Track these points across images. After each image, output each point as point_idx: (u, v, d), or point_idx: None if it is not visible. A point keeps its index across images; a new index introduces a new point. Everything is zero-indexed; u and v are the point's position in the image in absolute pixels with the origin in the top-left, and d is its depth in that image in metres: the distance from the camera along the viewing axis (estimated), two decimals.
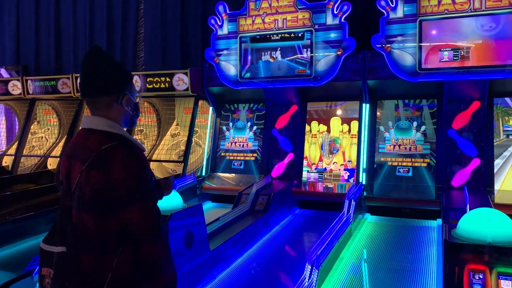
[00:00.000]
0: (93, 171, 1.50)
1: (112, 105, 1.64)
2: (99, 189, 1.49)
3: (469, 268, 2.43)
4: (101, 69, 1.63)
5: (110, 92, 1.63)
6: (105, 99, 1.63)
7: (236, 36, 6.38)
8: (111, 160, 1.50)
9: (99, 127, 1.60)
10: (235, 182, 6.45)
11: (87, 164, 1.51)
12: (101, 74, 1.63)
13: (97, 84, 1.62)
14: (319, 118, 6.36)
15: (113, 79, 1.64)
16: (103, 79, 1.62)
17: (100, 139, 1.56)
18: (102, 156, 1.51)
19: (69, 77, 7.62)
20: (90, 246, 1.53)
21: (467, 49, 5.21)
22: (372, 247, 4.49)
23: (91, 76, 1.63)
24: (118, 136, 1.58)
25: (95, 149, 1.53)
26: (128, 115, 1.71)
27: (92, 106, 1.66)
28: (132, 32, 8.48)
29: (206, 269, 3.52)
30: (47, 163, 8.06)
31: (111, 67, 1.65)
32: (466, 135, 5.47)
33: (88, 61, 1.64)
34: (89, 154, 1.53)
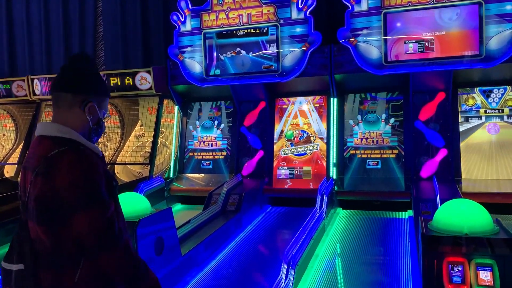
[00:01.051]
0: (38, 178, 1.40)
1: (74, 107, 1.55)
2: (44, 197, 1.39)
3: (448, 260, 2.40)
4: (76, 68, 1.58)
5: (76, 91, 1.55)
6: (68, 97, 1.55)
7: (200, 33, 6.22)
8: (56, 166, 1.39)
9: (51, 133, 1.50)
10: (204, 183, 6.30)
11: (35, 173, 1.42)
12: (75, 72, 1.58)
13: (66, 79, 1.57)
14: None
15: (83, 79, 1.57)
16: (73, 76, 1.57)
17: (50, 145, 1.45)
18: (48, 162, 1.40)
19: (25, 80, 7.23)
20: (48, 262, 1.43)
21: (431, 41, 5.26)
22: (345, 241, 4.46)
23: (65, 71, 1.59)
24: (68, 141, 1.47)
25: (43, 155, 1.43)
26: (87, 126, 1.58)
27: (55, 104, 1.58)
28: (90, 30, 8.16)
29: (178, 275, 3.38)
30: (4, 171, 7.64)
31: (87, 70, 1.60)
32: (433, 126, 5.53)
33: (70, 60, 1.61)
34: (37, 162, 1.43)
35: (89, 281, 1.41)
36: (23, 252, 1.45)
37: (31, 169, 1.46)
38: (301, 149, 6.10)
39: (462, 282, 2.37)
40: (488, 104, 5.48)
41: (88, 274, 1.41)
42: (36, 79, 7.14)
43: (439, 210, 2.71)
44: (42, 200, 1.40)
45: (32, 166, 1.45)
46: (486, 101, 5.50)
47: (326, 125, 6.02)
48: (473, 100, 5.55)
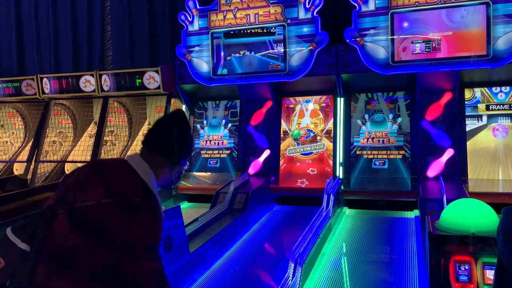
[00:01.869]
0: (116, 213, 1.50)
1: (164, 166, 1.72)
2: (114, 232, 1.49)
3: (454, 259, 2.42)
4: (177, 136, 1.72)
5: (171, 157, 1.73)
6: (161, 159, 1.70)
7: (207, 32, 6.26)
8: (137, 215, 1.51)
9: (141, 173, 1.62)
10: (211, 181, 6.34)
11: (112, 201, 1.51)
12: (173, 139, 1.72)
13: (164, 145, 1.71)
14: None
15: (181, 150, 1.75)
16: (172, 145, 1.72)
17: (137, 189, 1.58)
18: (131, 206, 1.52)
19: (34, 78, 7.31)
20: (56, 261, 1.45)
21: (438, 41, 5.27)
22: (352, 240, 4.48)
23: (165, 135, 1.71)
24: (153, 197, 1.60)
25: (128, 194, 1.54)
26: (169, 179, 1.78)
27: (147, 155, 1.70)
28: (98, 30, 8.21)
29: (186, 272, 3.42)
30: (13, 168, 7.72)
31: (186, 139, 1.78)
32: (440, 126, 5.54)
33: (169, 122, 1.75)
34: (119, 194, 1.54)
35: None
36: (35, 238, 1.47)
37: (107, 191, 1.53)
38: (307, 149, 6.13)
39: (469, 281, 2.39)
40: (495, 103, 5.47)
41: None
42: (45, 78, 7.21)
43: (446, 209, 2.73)
44: (112, 232, 1.48)
45: (111, 191, 1.53)
46: (494, 100, 5.49)
47: (333, 125, 6.04)
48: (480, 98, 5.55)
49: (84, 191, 1.54)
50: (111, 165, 1.67)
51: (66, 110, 7.80)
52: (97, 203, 1.50)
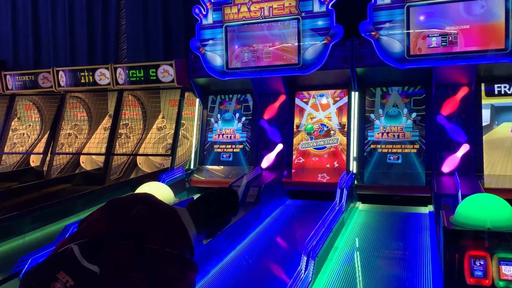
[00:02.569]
0: (173, 265, 1.67)
1: (202, 232, 1.93)
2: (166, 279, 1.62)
3: (469, 254, 2.40)
4: (223, 219, 1.98)
5: (211, 231, 1.97)
6: (204, 229, 1.92)
7: (221, 26, 6.25)
8: (186, 270, 1.70)
9: (191, 234, 1.80)
10: (224, 175, 6.36)
11: (172, 253, 1.68)
12: (221, 221, 1.97)
13: (212, 223, 1.94)
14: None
15: (221, 228, 2.00)
16: (219, 223, 1.97)
17: (187, 247, 1.77)
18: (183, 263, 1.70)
19: (50, 71, 7.39)
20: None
21: (455, 35, 5.19)
22: (365, 235, 4.47)
23: (215, 215, 1.94)
24: (193, 255, 1.82)
25: (183, 251, 1.73)
26: (201, 240, 2.04)
27: (194, 216, 1.87)
28: (113, 23, 8.27)
29: (200, 264, 3.42)
30: (29, 160, 7.85)
31: (228, 219, 2.01)
32: (455, 121, 5.46)
33: (222, 202, 1.98)
34: (177, 247, 1.71)
35: None
36: (105, 261, 1.54)
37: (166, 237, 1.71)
38: (320, 143, 6.10)
39: (484, 276, 2.37)
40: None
41: None
42: (61, 71, 7.29)
43: (461, 204, 2.70)
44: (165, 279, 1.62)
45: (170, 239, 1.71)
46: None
47: (347, 119, 6.00)
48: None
49: (149, 233, 1.69)
50: (170, 215, 1.82)
51: (82, 103, 7.89)
52: (160, 249, 1.66)
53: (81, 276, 1.47)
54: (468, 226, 2.50)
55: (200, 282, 3.34)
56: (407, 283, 3.24)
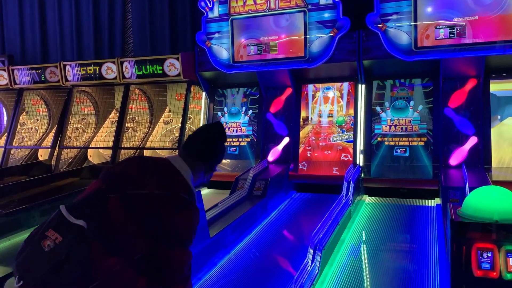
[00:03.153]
0: (168, 206, 1.65)
1: (200, 170, 1.90)
2: (163, 221, 1.62)
3: (477, 247, 2.39)
4: (215, 145, 1.92)
5: (206, 164, 1.91)
6: (199, 164, 1.89)
7: (227, 19, 6.24)
8: (185, 209, 1.69)
9: (184, 175, 1.79)
10: (230, 168, 6.38)
11: (164, 194, 1.67)
12: (213, 149, 1.92)
13: (204, 154, 1.90)
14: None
15: (216, 158, 1.94)
16: (211, 154, 1.92)
17: (183, 187, 1.75)
18: (180, 201, 1.69)
19: (57, 66, 7.43)
20: (108, 241, 1.53)
21: (463, 26, 5.13)
22: (372, 228, 4.46)
23: (206, 143, 1.91)
24: (193, 193, 1.79)
25: (177, 191, 1.71)
26: (202, 180, 1.96)
27: (186, 158, 1.86)
28: (119, 17, 8.27)
29: (207, 256, 3.46)
30: (38, 154, 7.91)
31: (222, 149, 1.96)
32: (463, 113, 5.43)
33: (210, 132, 1.93)
34: (170, 190, 1.70)
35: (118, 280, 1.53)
36: (93, 216, 1.55)
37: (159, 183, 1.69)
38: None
39: (491, 269, 2.36)
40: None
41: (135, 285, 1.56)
42: (68, 65, 7.32)
43: (469, 196, 2.68)
44: (160, 223, 1.61)
45: (162, 184, 1.70)
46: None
47: (354, 112, 5.98)
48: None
49: (136, 181, 1.68)
50: (159, 163, 1.81)
51: (89, 97, 7.92)
52: (150, 193, 1.65)
53: (68, 231, 1.52)
54: (476, 218, 2.49)
55: (208, 274, 3.36)
56: (414, 275, 3.24)
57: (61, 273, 1.47)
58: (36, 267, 1.50)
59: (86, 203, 1.61)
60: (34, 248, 1.53)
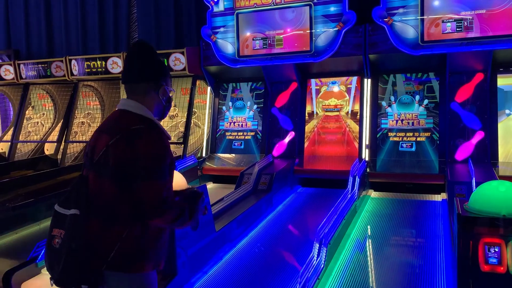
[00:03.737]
0: (121, 144, 1.64)
1: (149, 92, 1.79)
2: (123, 160, 1.63)
3: (484, 241, 2.38)
4: (143, 58, 1.79)
5: (149, 79, 1.79)
6: (143, 86, 1.78)
7: (232, 13, 6.22)
8: (139, 138, 1.65)
9: (133, 109, 1.75)
10: (235, 163, 6.38)
11: (116, 138, 1.66)
12: (144, 62, 1.79)
13: (139, 71, 1.78)
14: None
15: (153, 68, 1.80)
16: (145, 67, 1.79)
17: (132, 119, 1.71)
18: (131, 133, 1.66)
19: (63, 60, 7.44)
20: (102, 213, 1.65)
21: (470, 20, 5.09)
22: (377, 223, 4.46)
23: (134, 63, 1.79)
24: (148, 120, 1.74)
25: (126, 127, 1.68)
26: (161, 105, 1.84)
27: (130, 91, 1.80)
28: (124, 12, 8.26)
29: (213, 250, 3.48)
30: (44, 149, 7.95)
31: (153, 58, 1.82)
32: (470, 108, 5.39)
33: (133, 50, 1.82)
34: (119, 130, 1.68)
35: (135, 241, 1.65)
36: (80, 200, 1.66)
37: (108, 134, 1.70)
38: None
39: (498, 263, 2.35)
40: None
41: (135, 235, 1.65)
42: (73, 60, 7.33)
43: (476, 191, 2.67)
44: (121, 162, 1.63)
45: (111, 132, 1.69)
46: None
47: (359, 106, 5.96)
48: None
49: (96, 146, 1.72)
50: (108, 118, 1.82)
51: (94, 91, 7.94)
52: (106, 146, 1.67)
53: (67, 223, 1.64)
54: (483, 213, 2.47)
55: (213, 268, 3.37)
56: (420, 270, 3.24)
57: (77, 259, 1.60)
58: (56, 265, 1.64)
59: (73, 192, 1.70)
60: (49, 250, 1.69)
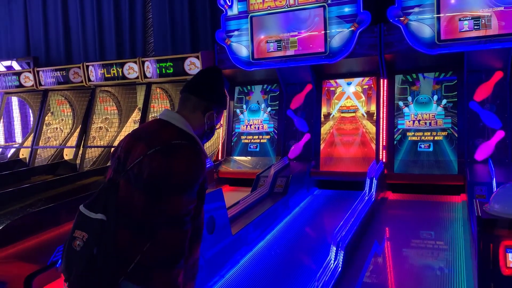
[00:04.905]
0: (158, 157, 1.62)
1: (197, 110, 1.78)
2: (157, 173, 1.60)
3: (505, 244, 2.32)
4: (209, 78, 1.82)
5: (202, 96, 1.79)
6: (194, 100, 1.78)
7: (246, 16, 6.23)
8: (176, 153, 1.63)
9: (176, 122, 1.73)
10: (251, 165, 6.38)
11: (155, 149, 1.63)
12: (206, 81, 1.81)
13: (198, 85, 1.80)
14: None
15: (212, 90, 1.81)
16: (204, 85, 1.80)
17: (174, 134, 1.69)
18: (170, 148, 1.64)
19: (80, 66, 7.57)
20: (129, 222, 1.61)
21: (488, 17, 5.00)
22: (395, 225, 4.40)
23: (198, 78, 1.82)
24: (189, 136, 1.71)
25: (167, 140, 1.66)
26: (203, 129, 1.82)
27: (182, 102, 1.81)
28: (140, 17, 8.37)
29: (229, 253, 3.48)
30: (63, 154, 8.09)
31: (218, 82, 1.84)
32: (489, 107, 5.29)
33: (206, 70, 1.86)
34: (159, 142, 1.65)
35: (156, 252, 1.59)
36: (108, 206, 1.62)
37: (146, 144, 1.66)
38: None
39: None
40: None
41: (156, 246, 1.59)
42: (91, 66, 7.45)
43: (496, 193, 2.61)
44: (154, 174, 1.60)
45: (150, 142, 1.66)
46: None
47: (376, 107, 5.90)
48: None
49: (131, 153, 1.68)
50: (147, 126, 1.78)
51: (111, 96, 8.05)
52: (143, 156, 1.63)
53: (91, 227, 1.60)
54: (504, 215, 2.42)
55: (230, 272, 3.37)
56: (440, 273, 3.18)
57: (96, 265, 1.57)
58: (74, 267, 1.60)
59: (101, 196, 1.66)
60: (68, 251, 1.63)
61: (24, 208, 4.91)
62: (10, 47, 9.76)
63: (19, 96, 8.86)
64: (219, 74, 1.87)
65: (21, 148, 8.40)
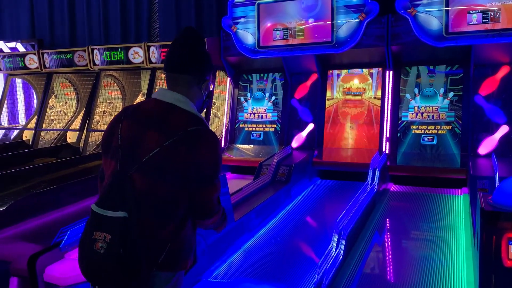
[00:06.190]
0: (182, 148, 1.55)
1: (192, 86, 1.69)
2: (187, 165, 1.55)
3: (507, 237, 2.34)
4: (192, 49, 1.69)
5: (194, 72, 1.69)
6: (186, 78, 1.68)
7: (253, 3, 6.19)
8: (200, 143, 1.56)
9: (182, 105, 1.63)
10: (254, 154, 6.39)
11: (173, 139, 1.55)
12: (191, 52, 1.69)
13: (185, 61, 1.68)
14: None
15: (201, 61, 1.70)
16: (192, 58, 1.68)
17: (186, 119, 1.60)
18: (190, 136, 1.56)
19: (85, 50, 7.55)
20: (154, 214, 1.56)
21: (497, 11, 4.96)
22: (397, 216, 4.42)
23: (181, 53, 1.69)
24: (201, 121, 1.63)
25: (182, 127, 1.57)
26: (201, 100, 1.75)
27: (172, 82, 1.69)
28: (146, 2, 8.32)
29: (231, 239, 3.50)
30: (66, 137, 8.10)
31: (201, 49, 1.72)
32: (494, 101, 5.28)
33: (182, 39, 1.72)
34: (174, 130, 1.56)
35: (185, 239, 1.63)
36: (127, 202, 1.53)
37: (160, 131, 1.56)
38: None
39: None
40: None
41: (186, 233, 1.62)
42: (96, 49, 7.43)
43: (500, 186, 2.62)
44: (184, 167, 1.54)
45: (163, 130, 1.56)
46: None
47: (381, 98, 5.89)
48: None
49: (142, 144, 1.57)
50: (149, 110, 1.64)
51: (116, 81, 8.03)
52: (160, 147, 1.54)
53: (113, 226, 1.51)
54: (507, 208, 2.43)
55: (232, 257, 3.40)
56: (440, 265, 3.20)
57: (126, 265, 1.49)
58: (103, 271, 1.51)
59: (115, 192, 1.56)
60: (90, 255, 1.53)
61: (27, 189, 4.93)
62: (15, 29, 9.72)
63: (24, 78, 8.85)
64: (199, 39, 1.73)
65: (25, 130, 8.41)
